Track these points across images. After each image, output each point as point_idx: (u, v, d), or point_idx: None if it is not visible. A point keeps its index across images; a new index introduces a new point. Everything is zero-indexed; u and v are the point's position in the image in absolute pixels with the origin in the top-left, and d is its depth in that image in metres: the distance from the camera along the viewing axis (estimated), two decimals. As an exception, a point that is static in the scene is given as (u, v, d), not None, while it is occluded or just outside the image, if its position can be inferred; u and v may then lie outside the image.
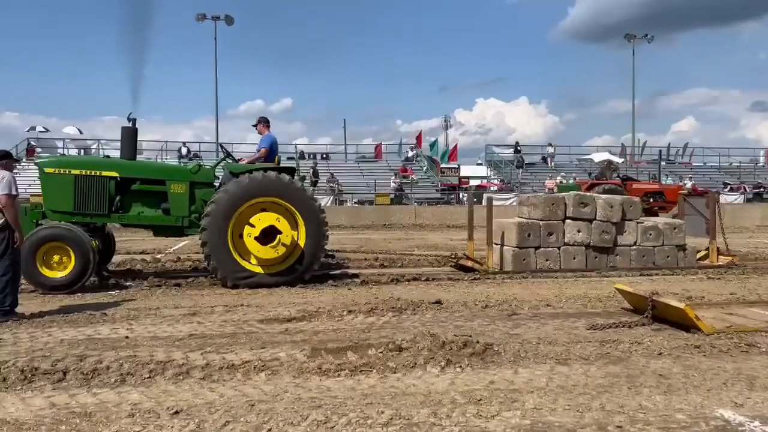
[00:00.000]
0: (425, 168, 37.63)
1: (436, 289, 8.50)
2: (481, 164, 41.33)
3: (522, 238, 10.21)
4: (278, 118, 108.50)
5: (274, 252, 8.34)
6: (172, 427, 3.48)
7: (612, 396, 4.05)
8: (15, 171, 7.31)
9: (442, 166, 36.38)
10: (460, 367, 4.67)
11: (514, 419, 3.63)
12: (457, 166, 36.53)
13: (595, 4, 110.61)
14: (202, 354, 4.99)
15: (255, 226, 8.26)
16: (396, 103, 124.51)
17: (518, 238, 10.19)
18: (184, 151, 35.39)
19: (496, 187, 33.64)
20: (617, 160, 29.14)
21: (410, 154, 39.29)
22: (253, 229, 8.26)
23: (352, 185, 33.35)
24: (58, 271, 8.01)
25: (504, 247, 10.49)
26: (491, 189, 33.13)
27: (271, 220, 8.33)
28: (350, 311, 6.67)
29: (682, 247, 10.90)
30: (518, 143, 42.05)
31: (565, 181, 28.09)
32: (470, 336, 5.39)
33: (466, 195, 29.77)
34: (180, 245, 14.40)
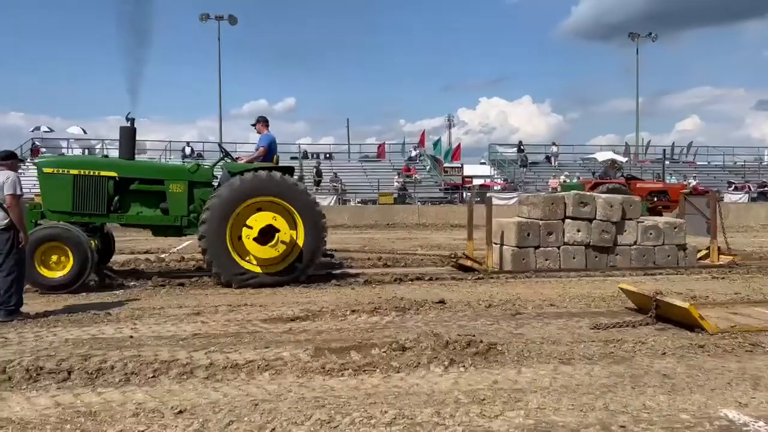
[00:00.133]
0: (428, 167, 37.63)
1: (440, 289, 8.50)
2: (484, 163, 41.33)
3: (521, 238, 10.19)
4: (281, 118, 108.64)
5: (274, 251, 8.34)
6: (176, 427, 3.49)
7: (616, 396, 4.05)
8: (19, 171, 7.35)
9: (446, 165, 36.33)
10: (464, 366, 4.67)
11: (518, 419, 3.63)
12: (460, 165, 36.45)
13: (599, 3, 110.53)
14: (206, 353, 5.01)
15: (253, 228, 8.24)
16: (399, 103, 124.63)
17: (518, 237, 10.17)
18: (188, 150, 35.46)
19: (499, 187, 33.60)
20: (621, 159, 29.03)
21: (413, 153, 39.29)
22: (251, 231, 8.24)
23: (356, 185, 33.37)
24: (57, 271, 7.99)
25: (503, 247, 10.47)
26: (494, 188, 33.12)
27: (268, 219, 8.31)
28: (353, 311, 6.68)
29: (683, 247, 10.87)
30: (521, 142, 42.04)
31: (568, 181, 28.04)
32: (474, 335, 5.39)
33: (469, 194, 29.84)
34: (183, 245, 14.42)
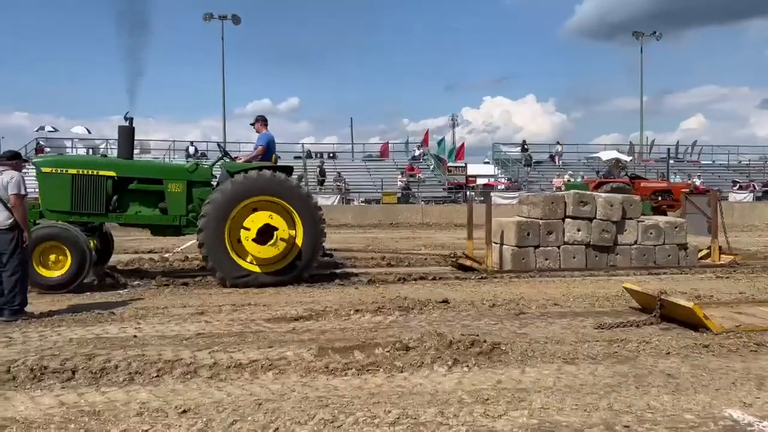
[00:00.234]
0: (432, 167, 37.61)
1: (443, 288, 8.50)
2: (488, 163, 41.28)
3: (521, 237, 10.18)
4: (285, 118, 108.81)
5: (275, 249, 8.33)
6: (180, 426, 3.50)
7: (620, 396, 4.04)
8: (23, 171, 7.36)
9: (449, 164, 36.33)
10: (468, 366, 4.67)
11: (522, 419, 3.62)
12: (464, 164, 36.46)
13: (603, 2, 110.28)
14: (210, 353, 5.01)
15: (250, 229, 8.22)
16: (403, 102, 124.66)
17: (517, 237, 10.16)
18: (192, 150, 35.50)
19: (503, 186, 33.56)
20: (625, 158, 29.01)
21: (417, 152, 39.29)
22: (249, 232, 8.22)
23: (359, 184, 33.38)
24: (55, 271, 7.97)
25: (503, 246, 10.46)
26: (498, 188, 33.08)
27: (264, 219, 8.29)
28: (357, 310, 6.67)
29: (684, 246, 10.84)
30: (525, 141, 41.99)
31: (573, 180, 27.98)
32: (477, 335, 5.38)
33: (473, 193, 29.82)
34: (187, 244, 14.42)
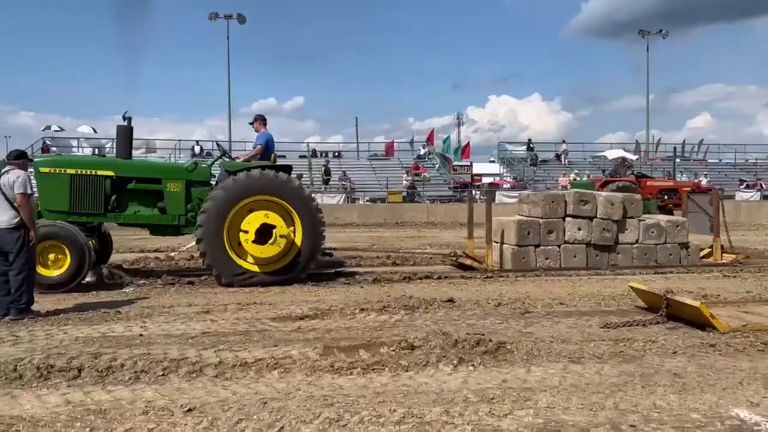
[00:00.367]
0: (437, 166, 37.58)
1: (449, 287, 8.49)
2: (493, 161, 41.24)
3: (521, 236, 10.15)
4: (290, 117, 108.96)
5: (276, 247, 8.31)
6: (186, 425, 3.50)
7: (626, 395, 4.02)
8: (30, 170, 7.40)
9: (455, 163, 36.28)
10: (473, 365, 4.66)
11: (527, 418, 3.61)
12: (469, 163, 36.41)
13: (609, 0, 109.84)
14: (215, 352, 5.02)
15: (248, 231, 8.21)
16: (408, 101, 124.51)
17: (518, 236, 10.13)
18: (198, 149, 35.57)
19: (508, 185, 33.51)
20: (631, 157, 28.88)
21: (422, 151, 39.24)
22: (248, 235, 8.22)
23: (364, 183, 33.37)
24: (54, 270, 7.97)
25: (504, 245, 10.44)
26: (504, 186, 33.04)
27: (261, 218, 8.27)
28: (362, 309, 6.67)
29: (685, 245, 10.79)
30: (531, 140, 41.90)
31: (578, 179, 27.91)
32: (483, 334, 5.36)
33: (478, 192, 29.78)
34: (192, 243, 14.41)
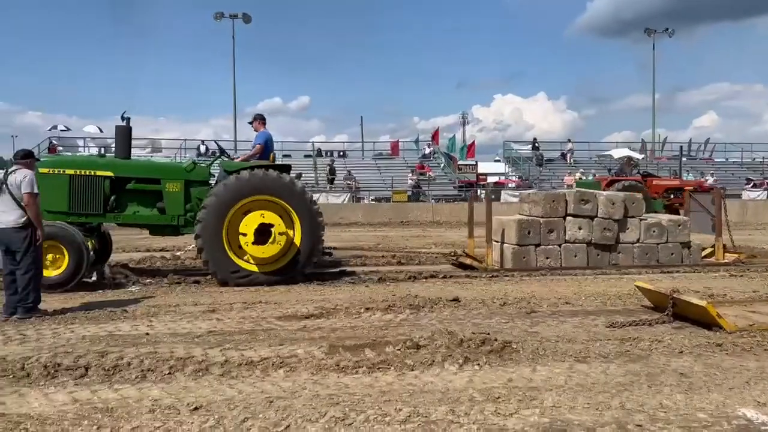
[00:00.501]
0: (442, 165, 37.54)
1: (454, 287, 8.48)
2: (499, 161, 41.17)
3: (522, 236, 10.14)
4: (296, 116, 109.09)
5: (277, 245, 8.30)
6: (192, 423, 3.52)
7: (632, 394, 4.01)
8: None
9: (460, 162, 36.25)
10: (478, 364, 4.66)
11: (533, 417, 3.61)
12: (474, 162, 36.38)
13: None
14: (221, 351, 5.03)
15: (247, 233, 8.20)
16: (413, 100, 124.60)
17: (518, 235, 10.12)
18: (203, 149, 35.63)
19: (514, 184, 33.45)
20: (637, 156, 28.81)
21: (427, 151, 39.21)
22: (247, 237, 8.21)
23: (369, 182, 33.39)
24: (53, 270, 7.97)
25: (504, 245, 10.43)
26: (509, 185, 32.98)
27: (257, 219, 8.25)
28: (368, 308, 6.68)
29: (687, 245, 10.75)
30: (536, 139, 41.81)
31: (584, 178, 27.84)
32: (488, 334, 5.36)
33: (484, 191, 29.72)
34: (199, 242, 14.48)
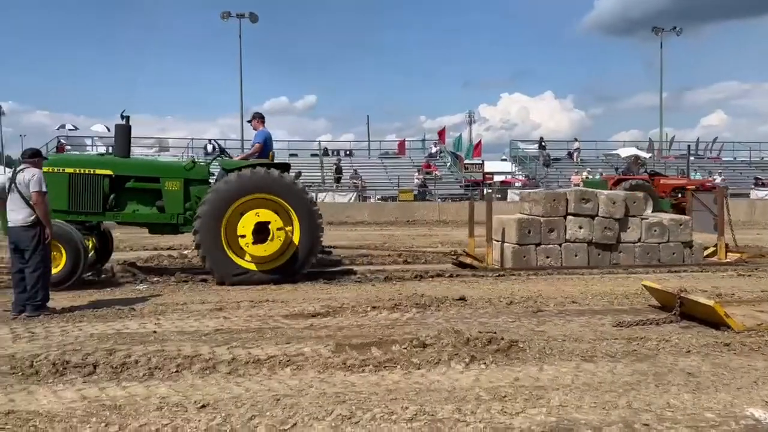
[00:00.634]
0: (449, 164, 37.51)
1: (460, 286, 8.48)
2: (505, 160, 41.11)
3: (522, 235, 10.12)
4: (302, 115, 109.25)
5: (277, 241, 8.28)
6: (200, 421, 3.53)
7: (639, 394, 4.00)
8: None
9: (466, 162, 36.25)
10: (485, 363, 4.65)
11: (540, 416, 3.61)
12: (481, 161, 36.37)
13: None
14: (228, 349, 5.05)
15: (245, 235, 8.19)
16: (419, 99, 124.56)
17: (518, 234, 10.10)
18: (210, 148, 35.69)
19: (520, 183, 33.39)
20: (644, 155, 28.69)
21: (434, 150, 39.19)
22: (246, 238, 8.19)
23: (376, 181, 33.40)
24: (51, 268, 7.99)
25: (504, 244, 10.41)
26: (516, 185, 32.92)
27: (253, 218, 8.22)
28: (374, 307, 6.68)
29: (689, 244, 10.70)
30: (543, 138, 41.70)
31: (591, 177, 27.75)
32: (495, 333, 5.35)
33: (490, 191, 29.67)
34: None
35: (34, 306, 6.42)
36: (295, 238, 8.63)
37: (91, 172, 8.77)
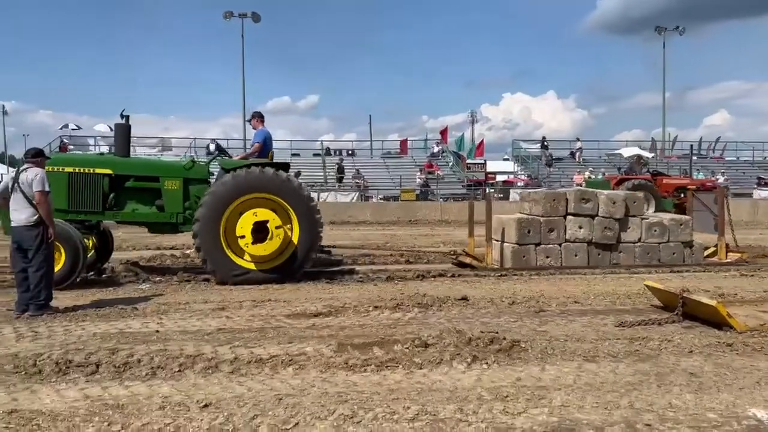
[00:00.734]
0: (451, 163, 37.49)
1: (462, 286, 8.48)
2: (507, 159, 41.08)
3: (522, 235, 10.11)
4: (305, 115, 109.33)
5: (277, 239, 8.28)
6: (202, 420, 3.54)
7: (641, 394, 4.00)
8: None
9: (468, 161, 36.20)
10: (487, 363, 4.66)
11: (541, 416, 3.61)
12: (483, 161, 36.32)
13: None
14: (231, 348, 5.05)
15: (245, 236, 8.20)
16: (422, 99, 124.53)
17: (518, 234, 10.10)
18: (212, 147, 35.73)
19: (522, 183, 33.37)
20: (647, 154, 28.66)
21: (436, 149, 39.18)
22: (245, 239, 8.20)
23: (378, 181, 33.42)
24: None
25: (504, 244, 10.41)
26: (518, 184, 32.90)
27: (251, 219, 8.22)
28: (376, 307, 6.69)
29: (689, 244, 10.68)
30: (545, 138, 41.67)
31: (593, 177, 27.73)
32: (497, 332, 5.35)
33: (492, 191, 29.67)
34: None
35: (37, 305, 6.43)
36: (294, 237, 8.63)
37: (91, 172, 8.77)
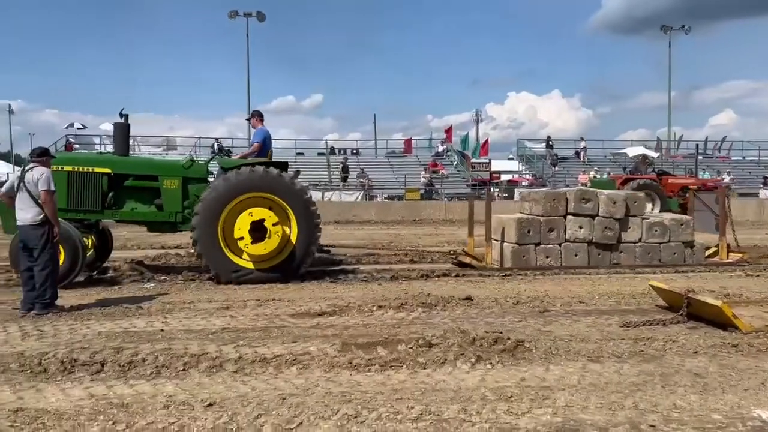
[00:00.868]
0: (455, 163, 37.46)
1: (467, 285, 8.47)
2: (512, 159, 41.02)
3: (522, 235, 10.09)
4: (309, 114, 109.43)
5: (276, 237, 8.27)
6: (206, 419, 3.55)
7: (645, 394, 3.99)
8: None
9: (473, 160, 36.13)
10: (491, 363, 4.65)
11: (546, 416, 3.60)
12: (488, 160, 36.25)
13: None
14: (235, 347, 5.06)
15: (244, 237, 8.20)
16: (426, 98, 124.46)
17: (518, 234, 10.08)
18: (217, 147, 35.78)
19: (527, 182, 33.32)
20: (652, 154, 28.59)
21: (440, 148, 39.13)
22: (244, 240, 8.20)
23: (382, 180, 33.41)
24: None
25: (504, 244, 10.38)
26: (523, 184, 32.85)
27: (247, 219, 8.21)
28: (380, 306, 6.69)
29: (690, 244, 10.64)
30: (550, 137, 41.59)
31: (598, 176, 27.68)
32: (501, 332, 5.35)
33: (495, 190, 29.63)
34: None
35: (42, 304, 6.46)
36: (293, 236, 8.62)
37: (90, 171, 8.78)
